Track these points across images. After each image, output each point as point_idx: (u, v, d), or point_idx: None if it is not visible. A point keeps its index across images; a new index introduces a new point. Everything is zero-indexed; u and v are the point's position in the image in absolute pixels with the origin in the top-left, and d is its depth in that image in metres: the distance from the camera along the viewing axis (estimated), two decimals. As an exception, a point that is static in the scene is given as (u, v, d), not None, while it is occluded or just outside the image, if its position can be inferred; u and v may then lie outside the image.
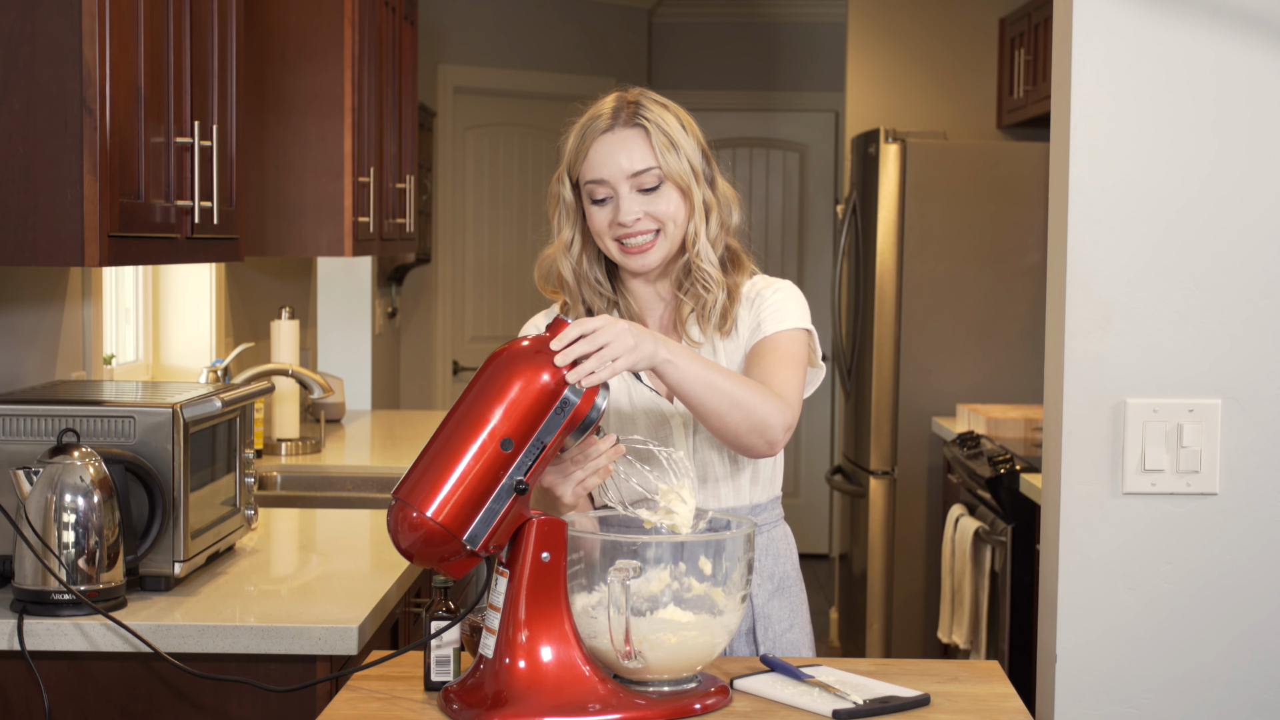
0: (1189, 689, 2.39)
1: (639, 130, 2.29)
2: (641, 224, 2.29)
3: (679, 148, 2.30)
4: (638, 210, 2.28)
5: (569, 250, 2.36)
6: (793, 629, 2.41)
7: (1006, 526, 4.29)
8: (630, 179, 2.28)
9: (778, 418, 2.20)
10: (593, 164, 2.29)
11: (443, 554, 1.94)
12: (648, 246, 2.30)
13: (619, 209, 2.28)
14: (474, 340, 7.07)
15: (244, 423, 2.88)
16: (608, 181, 2.28)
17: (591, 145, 2.29)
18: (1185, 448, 2.36)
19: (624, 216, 2.27)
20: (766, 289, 2.38)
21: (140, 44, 2.49)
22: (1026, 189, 5.48)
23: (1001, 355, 5.53)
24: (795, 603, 2.44)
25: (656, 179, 2.28)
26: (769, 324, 2.34)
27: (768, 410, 2.19)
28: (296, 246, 3.95)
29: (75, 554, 2.36)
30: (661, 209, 2.29)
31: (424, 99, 6.37)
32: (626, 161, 2.28)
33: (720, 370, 2.16)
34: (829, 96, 7.87)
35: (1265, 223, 2.35)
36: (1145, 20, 2.34)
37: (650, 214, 2.29)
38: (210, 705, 2.36)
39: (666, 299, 2.40)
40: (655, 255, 2.31)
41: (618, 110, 2.30)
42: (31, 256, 2.36)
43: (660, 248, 2.31)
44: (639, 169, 2.28)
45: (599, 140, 2.29)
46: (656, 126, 2.29)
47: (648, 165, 2.28)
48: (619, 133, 2.29)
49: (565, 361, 1.97)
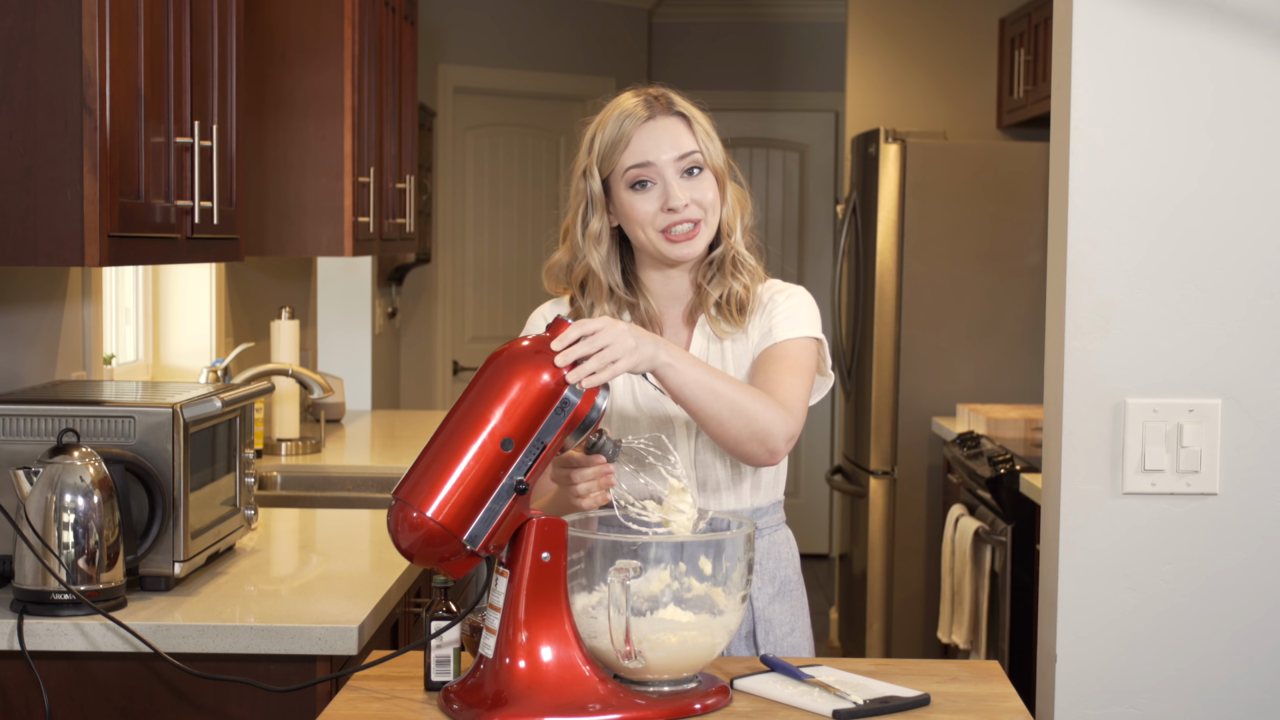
0: (1189, 689, 2.39)
1: (680, 119, 2.33)
2: (690, 210, 2.30)
3: (714, 139, 2.34)
4: (685, 196, 2.30)
5: (598, 243, 2.36)
6: (794, 633, 2.41)
7: (1006, 526, 4.29)
8: (676, 162, 2.30)
9: (779, 426, 2.19)
10: (637, 149, 2.30)
11: (443, 554, 1.94)
12: (693, 234, 2.31)
13: (668, 194, 2.29)
14: (474, 340, 7.07)
15: (244, 423, 2.88)
16: (655, 164, 2.30)
17: (635, 132, 2.31)
18: (1185, 448, 2.36)
19: (674, 201, 2.29)
20: (780, 294, 2.39)
21: (140, 44, 2.49)
22: (1026, 189, 5.48)
23: (1001, 355, 5.53)
24: (796, 606, 2.44)
25: (699, 163, 2.31)
26: (780, 330, 2.34)
27: (769, 418, 2.18)
28: (296, 246, 3.95)
29: (75, 554, 2.36)
30: (704, 195, 2.31)
31: (424, 99, 6.37)
32: (673, 146, 2.30)
33: (722, 376, 2.16)
34: (829, 96, 7.87)
35: (1262, 222, 2.35)
36: (1145, 20, 2.34)
37: (695, 201, 2.31)
38: (210, 705, 2.36)
39: (682, 296, 2.40)
40: (700, 243, 2.32)
41: (652, 102, 2.33)
42: (31, 256, 2.36)
43: (703, 236, 2.33)
44: (686, 151, 2.31)
45: (643, 127, 2.31)
46: (694, 118, 2.33)
47: (693, 149, 2.31)
48: (661, 120, 2.32)
49: (565, 362, 1.97)
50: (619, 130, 2.32)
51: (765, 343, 2.35)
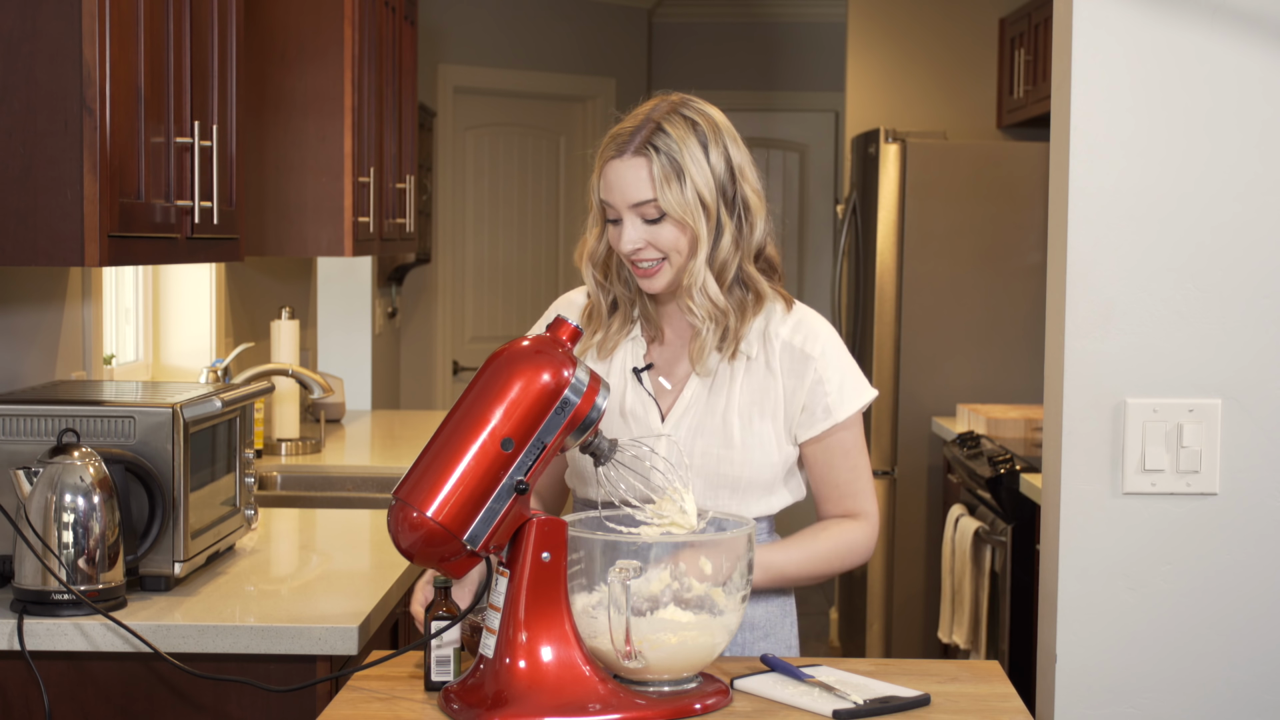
0: (1189, 689, 2.39)
1: (643, 160, 2.23)
2: (644, 253, 2.27)
3: (685, 176, 2.23)
4: (639, 240, 2.26)
5: (594, 258, 2.36)
6: (768, 638, 2.40)
7: (1006, 526, 4.29)
8: (632, 208, 2.25)
9: (866, 553, 2.40)
10: (605, 186, 2.28)
11: (443, 554, 1.94)
12: (654, 271, 2.28)
13: (623, 235, 2.27)
14: (474, 340, 7.07)
15: (244, 423, 2.88)
16: (614, 206, 2.27)
17: (604, 167, 2.28)
18: (1185, 448, 2.36)
19: (624, 245, 2.26)
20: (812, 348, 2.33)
21: (140, 44, 2.49)
22: (1026, 189, 5.48)
23: (1001, 355, 5.53)
24: (775, 610, 2.42)
25: (656, 211, 2.24)
26: (840, 408, 2.33)
27: (859, 554, 2.39)
28: (296, 246, 3.95)
29: (75, 554, 2.36)
30: (663, 240, 2.25)
31: (424, 99, 6.37)
32: (628, 192, 2.25)
33: (814, 554, 2.35)
34: (829, 96, 7.87)
35: (1262, 221, 2.35)
36: (1144, 20, 2.34)
37: (652, 243, 2.26)
38: (210, 705, 2.36)
39: (674, 316, 2.38)
40: (661, 280, 2.29)
41: (636, 130, 2.25)
42: (31, 256, 2.36)
43: (665, 274, 2.28)
44: (638, 200, 2.24)
45: (609, 165, 2.27)
46: (665, 155, 2.23)
47: (646, 198, 2.24)
48: (626, 161, 2.24)
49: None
50: (600, 157, 2.29)
51: (820, 420, 2.32)
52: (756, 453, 2.30)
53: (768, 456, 2.31)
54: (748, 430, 2.30)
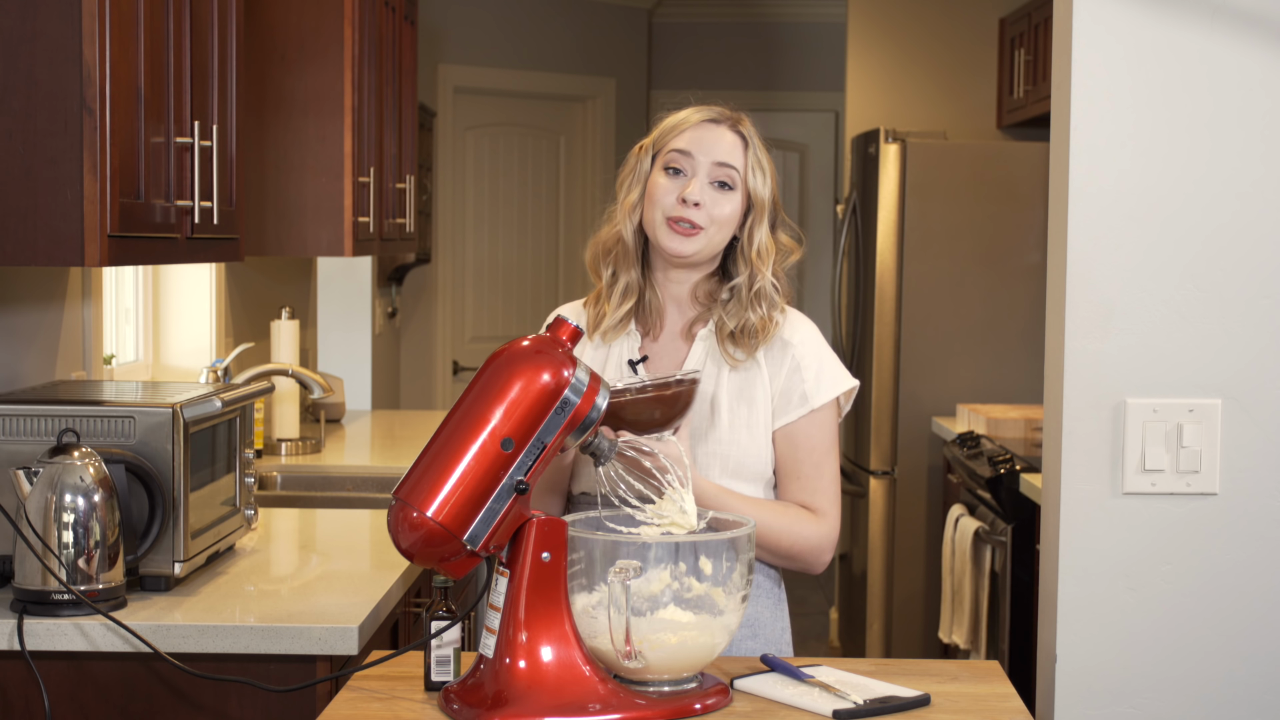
0: (1189, 689, 2.39)
1: (740, 139, 2.38)
2: (699, 212, 2.33)
3: (766, 174, 2.38)
4: (702, 195, 2.33)
5: (632, 214, 2.40)
6: (755, 637, 2.40)
7: (1006, 526, 4.29)
8: (714, 166, 2.35)
9: (816, 551, 2.37)
10: (688, 138, 2.36)
11: (443, 554, 1.95)
12: (690, 234, 2.34)
13: (688, 186, 2.33)
14: (474, 340, 7.07)
15: (244, 423, 2.88)
16: (693, 157, 2.35)
17: (693, 125, 2.38)
18: (1185, 448, 2.36)
19: (689, 193, 2.32)
20: (791, 335, 2.40)
21: (140, 44, 2.49)
22: (1026, 189, 5.48)
23: (1001, 355, 5.53)
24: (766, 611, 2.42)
25: (734, 180, 2.35)
26: (816, 395, 2.38)
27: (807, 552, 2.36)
28: (296, 246, 3.95)
29: (75, 554, 2.36)
30: (720, 209, 2.34)
31: (424, 99, 6.37)
32: (717, 150, 2.35)
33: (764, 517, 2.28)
34: (829, 96, 7.87)
35: (1262, 222, 2.35)
36: (1145, 21, 2.34)
37: (709, 208, 2.33)
38: (210, 705, 2.36)
39: (683, 304, 2.42)
40: (692, 245, 2.34)
41: (725, 114, 2.40)
42: (31, 256, 2.36)
43: (698, 242, 2.34)
44: (726, 161, 2.35)
45: (703, 125, 2.38)
46: (754, 146, 2.39)
47: (734, 164, 2.36)
48: (722, 129, 2.38)
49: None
50: (682, 118, 2.39)
51: (795, 405, 2.37)
52: (743, 433, 2.35)
53: (755, 440, 2.36)
54: (734, 414, 2.35)
